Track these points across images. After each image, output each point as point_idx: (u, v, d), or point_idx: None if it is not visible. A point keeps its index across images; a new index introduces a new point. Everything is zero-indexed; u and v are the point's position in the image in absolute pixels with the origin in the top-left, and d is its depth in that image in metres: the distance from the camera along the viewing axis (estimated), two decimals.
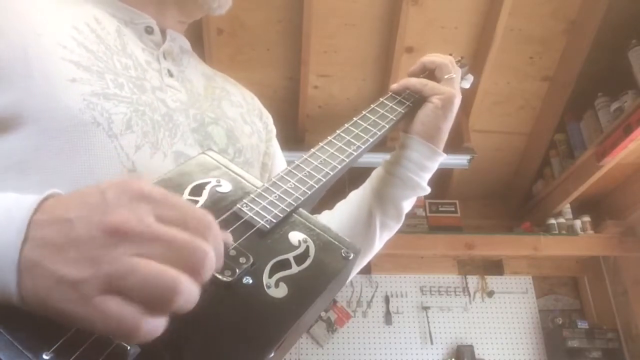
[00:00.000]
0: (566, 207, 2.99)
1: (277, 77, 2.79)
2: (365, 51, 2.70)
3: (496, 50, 2.56)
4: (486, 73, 2.66)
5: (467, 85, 0.94)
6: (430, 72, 0.84)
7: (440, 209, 3.06)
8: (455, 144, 2.84)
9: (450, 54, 0.94)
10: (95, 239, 0.35)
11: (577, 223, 2.95)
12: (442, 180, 3.20)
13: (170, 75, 0.70)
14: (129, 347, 0.38)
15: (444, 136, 0.81)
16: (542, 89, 2.86)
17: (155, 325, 0.35)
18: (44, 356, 0.36)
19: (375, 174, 0.83)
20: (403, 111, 0.77)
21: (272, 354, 0.42)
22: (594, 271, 3.13)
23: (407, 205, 0.83)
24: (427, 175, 0.82)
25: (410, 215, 2.96)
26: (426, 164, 0.80)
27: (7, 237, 0.37)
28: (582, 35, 2.55)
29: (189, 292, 0.36)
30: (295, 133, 2.94)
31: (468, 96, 2.71)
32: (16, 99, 0.54)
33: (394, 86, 0.81)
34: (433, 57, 0.84)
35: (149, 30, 0.70)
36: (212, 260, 0.38)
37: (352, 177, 1.01)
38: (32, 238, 0.37)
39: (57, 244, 0.36)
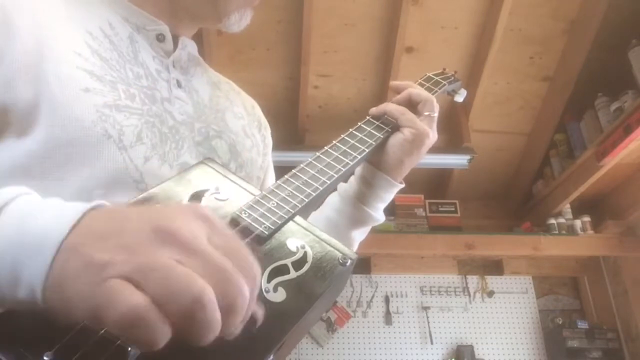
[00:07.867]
0: (566, 207, 2.98)
1: (277, 77, 2.79)
2: (365, 51, 2.70)
3: (496, 50, 2.56)
4: (486, 73, 2.66)
5: (460, 99, 0.95)
6: (413, 106, 0.81)
7: (440, 209, 3.05)
8: (455, 144, 2.84)
9: (444, 69, 0.94)
10: (142, 233, 0.36)
11: (577, 223, 2.94)
12: (442, 180, 3.19)
13: (179, 85, 0.70)
14: (129, 349, 0.38)
15: (405, 170, 0.79)
16: (542, 89, 2.86)
17: (163, 331, 0.34)
18: (45, 357, 0.36)
19: (330, 201, 0.82)
20: (382, 136, 0.76)
21: (272, 357, 0.42)
22: (594, 271, 3.13)
23: (359, 235, 0.82)
24: (382, 206, 0.81)
25: (410, 215, 2.96)
26: (383, 195, 0.80)
27: (56, 225, 0.37)
28: (582, 35, 2.55)
29: (212, 310, 0.34)
30: (295, 133, 2.94)
31: (468, 96, 2.70)
32: (33, 100, 0.55)
33: (373, 110, 0.80)
34: (420, 91, 0.82)
35: (160, 39, 0.70)
36: (245, 299, 0.36)
37: None
38: (78, 225, 0.37)
39: (99, 233, 0.37)
